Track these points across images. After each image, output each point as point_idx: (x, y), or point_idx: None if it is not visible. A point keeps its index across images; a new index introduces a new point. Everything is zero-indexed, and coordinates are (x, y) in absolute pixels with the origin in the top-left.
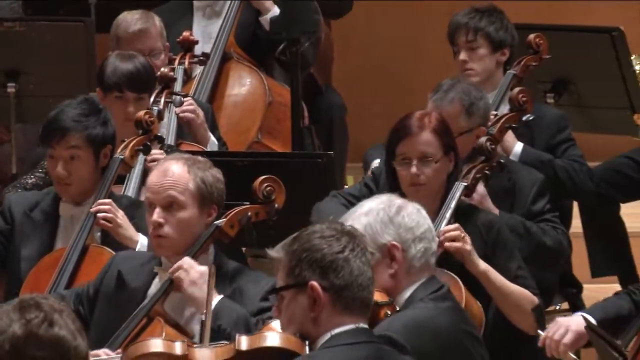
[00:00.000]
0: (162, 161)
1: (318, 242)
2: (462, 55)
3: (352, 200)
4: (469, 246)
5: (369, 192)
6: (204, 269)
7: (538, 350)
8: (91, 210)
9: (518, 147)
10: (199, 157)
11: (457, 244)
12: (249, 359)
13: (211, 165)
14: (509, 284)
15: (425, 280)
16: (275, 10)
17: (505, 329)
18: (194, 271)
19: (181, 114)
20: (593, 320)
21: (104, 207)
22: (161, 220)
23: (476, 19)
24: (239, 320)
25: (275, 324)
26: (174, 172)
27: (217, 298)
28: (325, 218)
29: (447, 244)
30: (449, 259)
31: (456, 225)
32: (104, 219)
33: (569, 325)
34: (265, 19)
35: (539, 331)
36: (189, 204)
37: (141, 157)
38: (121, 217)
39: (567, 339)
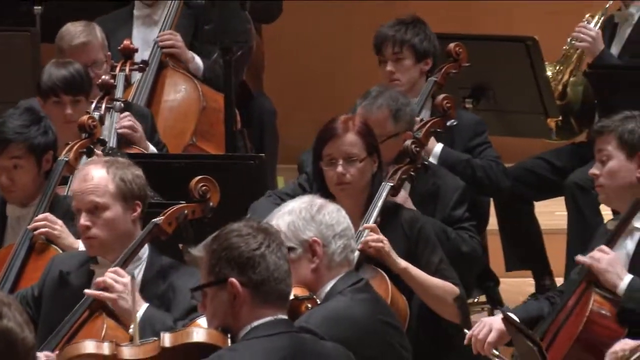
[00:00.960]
0: (82, 166)
1: (236, 240)
2: (389, 66)
3: (286, 199)
4: (387, 247)
5: (303, 192)
6: (128, 279)
7: (464, 346)
8: (28, 228)
9: (438, 147)
10: (119, 158)
11: (377, 245)
12: (175, 355)
13: (130, 163)
14: (430, 277)
15: (344, 274)
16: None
17: (433, 323)
18: (118, 285)
19: (120, 130)
20: (513, 316)
21: (40, 224)
22: (88, 223)
23: (402, 31)
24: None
25: (202, 320)
26: (93, 176)
27: (143, 307)
28: (260, 216)
29: (366, 246)
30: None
31: (373, 225)
32: (42, 234)
33: (492, 324)
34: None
35: (465, 330)
36: (112, 204)
37: (84, 159)
38: (59, 227)
39: (492, 337)
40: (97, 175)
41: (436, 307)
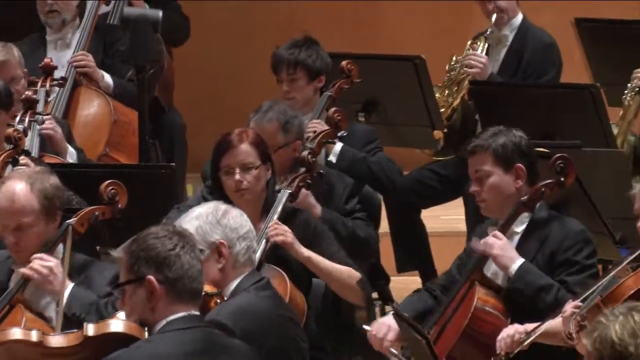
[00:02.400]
0: (7, 183)
1: (153, 241)
2: (285, 87)
3: None
4: (290, 238)
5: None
6: (56, 262)
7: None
8: None
9: (338, 146)
10: (37, 168)
11: (281, 237)
12: (97, 343)
13: (49, 171)
14: (333, 264)
15: (248, 273)
16: None
17: (334, 317)
18: (46, 265)
19: (43, 131)
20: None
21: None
22: (15, 240)
23: (296, 52)
24: (91, 305)
25: (121, 314)
26: (19, 196)
27: (69, 287)
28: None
29: (273, 238)
30: None
31: (276, 221)
32: None
33: (391, 324)
34: None
35: (365, 326)
36: (37, 221)
37: (9, 168)
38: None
39: (390, 336)
40: (22, 195)
41: (341, 291)
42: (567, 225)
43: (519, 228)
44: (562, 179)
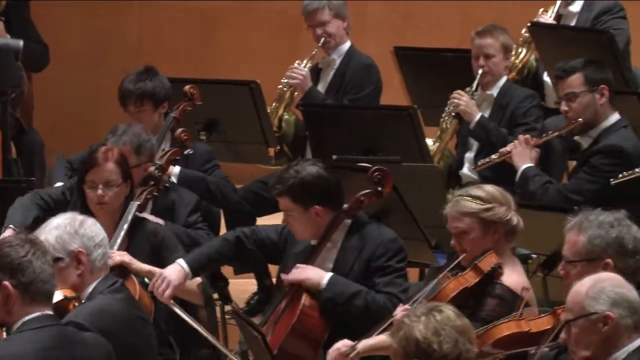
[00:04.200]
0: None
1: (7, 250)
2: (132, 117)
3: (48, 201)
4: (128, 258)
5: (64, 199)
6: None
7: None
8: None
9: (176, 169)
10: None
11: (119, 258)
12: None
13: None
14: None
15: (103, 277)
16: None
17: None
18: None
19: None
20: (187, 267)
21: None
22: None
23: (141, 86)
24: None
25: None
26: None
27: None
28: (14, 208)
29: (111, 260)
30: None
31: (120, 252)
32: None
33: (170, 280)
34: None
35: (146, 279)
36: None
37: None
38: None
39: (168, 293)
40: None
41: (183, 295)
42: (382, 234)
43: (339, 237)
44: (380, 188)
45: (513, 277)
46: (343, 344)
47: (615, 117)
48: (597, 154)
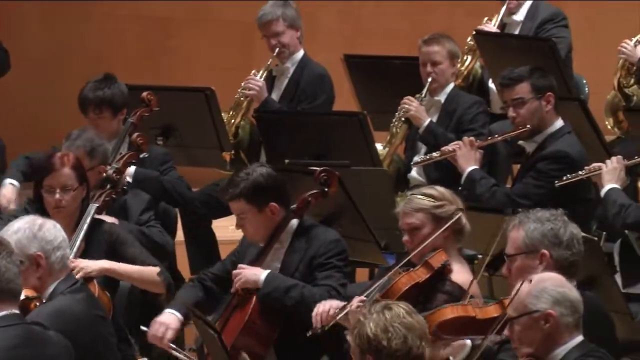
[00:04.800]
0: None
1: None
2: (92, 123)
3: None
4: (84, 264)
5: (27, 214)
6: None
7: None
8: None
9: (132, 169)
10: None
11: (82, 272)
12: None
13: None
14: (131, 267)
15: (63, 278)
16: None
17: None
18: None
19: None
20: (179, 314)
21: None
22: None
23: (100, 94)
24: None
25: None
26: None
27: None
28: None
29: (79, 274)
30: None
31: (78, 261)
32: None
33: (168, 323)
34: None
35: (142, 327)
36: None
37: None
38: None
39: (169, 335)
40: None
41: (145, 286)
42: (327, 235)
43: (286, 238)
44: (326, 189)
45: (462, 274)
46: (330, 306)
47: (559, 123)
48: (544, 160)
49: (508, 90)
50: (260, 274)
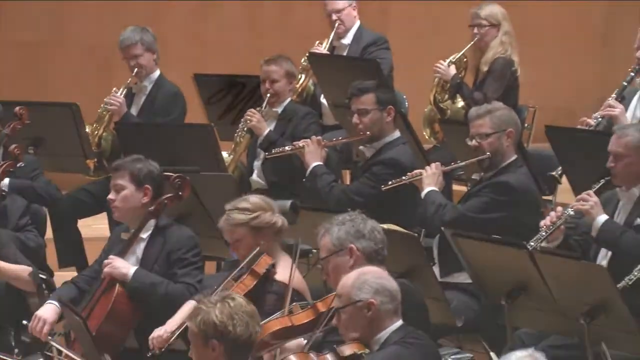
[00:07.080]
0: None
1: None
2: None
3: None
4: None
5: None
6: None
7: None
8: None
9: (6, 181)
10: None
11: None
12: None
13: None
14: (3, 264)
15: None
16: None
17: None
18: None
19: None
20: (57, 305)
21: None
22: None
23: None
24: None
25: None
26: None
27: None
28: None
29: None
30: None
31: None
32: None
33: (45, 318)
34: None
35: (24, 322)
36: None
37: None
38: None
39: (46, 329)
40: None
41: (16, 283)
42: (182, 232)
43: (145, 234)
44: (180, 192)
45: (285, 273)
46: (164, 331)
47: (397, 134)
48: (378, 164)
49: (355, 100)
50: (129, 268)
